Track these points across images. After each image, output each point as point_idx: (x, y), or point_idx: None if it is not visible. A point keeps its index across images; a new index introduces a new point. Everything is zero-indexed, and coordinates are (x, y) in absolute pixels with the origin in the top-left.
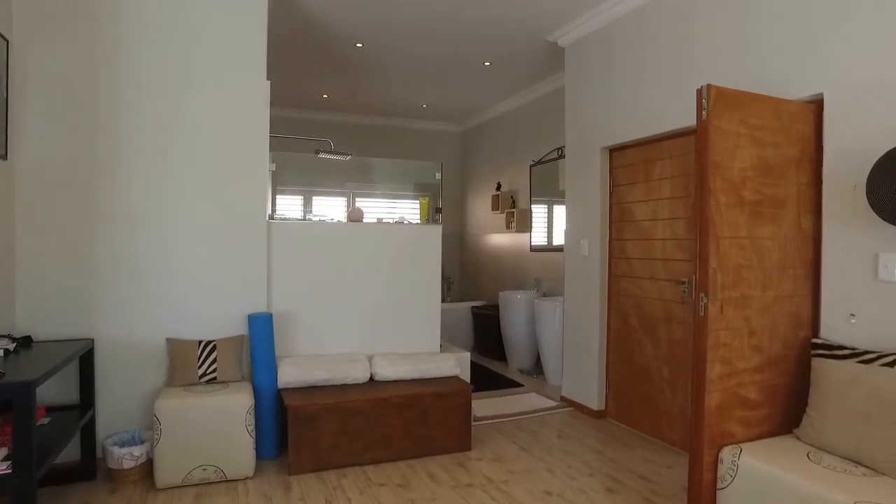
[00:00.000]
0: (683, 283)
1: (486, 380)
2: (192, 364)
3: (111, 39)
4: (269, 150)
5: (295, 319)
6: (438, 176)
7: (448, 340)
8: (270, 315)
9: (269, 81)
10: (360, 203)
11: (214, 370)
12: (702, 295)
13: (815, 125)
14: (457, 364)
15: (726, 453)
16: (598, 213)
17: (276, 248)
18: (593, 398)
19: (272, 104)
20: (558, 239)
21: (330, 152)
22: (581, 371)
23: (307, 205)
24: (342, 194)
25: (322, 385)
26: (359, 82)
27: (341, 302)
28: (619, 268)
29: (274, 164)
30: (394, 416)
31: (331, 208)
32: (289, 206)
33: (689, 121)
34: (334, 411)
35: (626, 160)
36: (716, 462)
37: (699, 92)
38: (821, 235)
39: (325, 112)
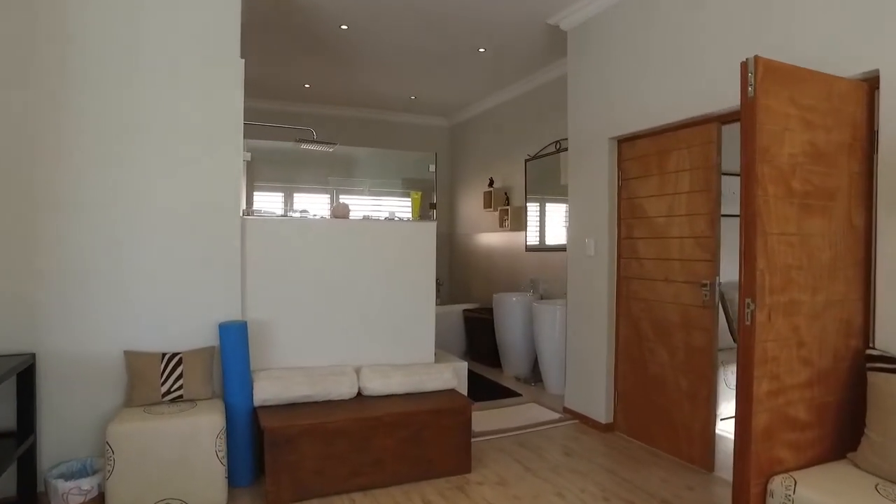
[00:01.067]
0: (705, 285)
1: (480, 389)
2: (155, 380)
3: (55, 3)
4: (244, 139)
5: (273, 328)
6: (432, 168)
7: (438, 346)
8: (245, 323)
9: (244, 60)
10: (345, 199)
11: (180, 387)
12: (748, 301)
13: (868, 107)
14: (454, 376)
15: (777, 484)
16: (606, 210)
17: (251, 247)
18: (600, 410)
19: (248, 94)
20: (556, 238)
21: (313, 142)
22: (586, 380)
23: (288, 201)
24: (325, 190)
25: (303, 402)
26: (343, 70)
27: (325, 308)
28: (630, 269)
29: (249, 154)
30: (385, 436)
31: (313, 205)
32: (267, 202)
33: (710, 107)
34: (317, 432)
35: (636, 151)
36: (764, 493)
37: (744, 65)
38: (872, 232)
39: (305, 104)
